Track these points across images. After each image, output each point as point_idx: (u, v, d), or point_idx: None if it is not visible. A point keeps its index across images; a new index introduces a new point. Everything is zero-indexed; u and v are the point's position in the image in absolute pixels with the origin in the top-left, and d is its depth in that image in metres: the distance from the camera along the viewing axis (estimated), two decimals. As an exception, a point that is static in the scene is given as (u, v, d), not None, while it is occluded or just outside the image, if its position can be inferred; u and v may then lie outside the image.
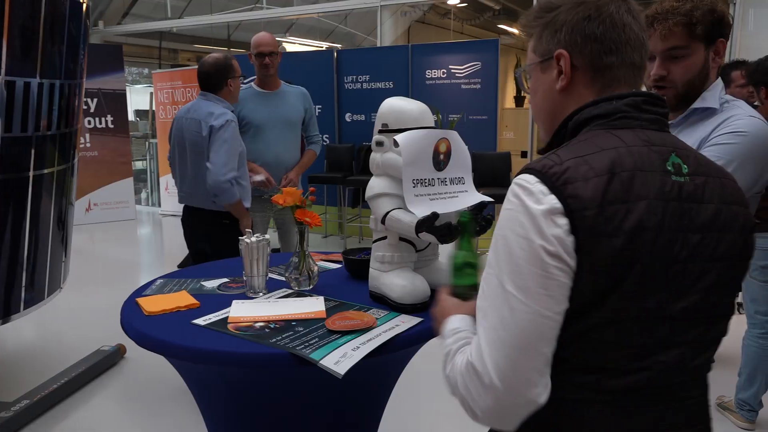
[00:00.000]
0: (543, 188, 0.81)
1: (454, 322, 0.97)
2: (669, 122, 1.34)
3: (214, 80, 2.86)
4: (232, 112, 2.86)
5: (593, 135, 0.88)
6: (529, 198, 0.81)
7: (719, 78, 1.43)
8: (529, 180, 0.82)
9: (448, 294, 1.11)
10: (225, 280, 1.87)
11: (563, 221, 0.79)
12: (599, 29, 0.90)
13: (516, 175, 0.86)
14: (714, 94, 1.39)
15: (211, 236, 2.89)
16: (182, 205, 3.01)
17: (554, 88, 0.95)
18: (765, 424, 2.74)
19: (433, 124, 1.61)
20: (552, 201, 0.79)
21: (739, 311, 4.11)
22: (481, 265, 1.11)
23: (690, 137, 1.38)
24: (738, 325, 3.81)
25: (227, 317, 1.50)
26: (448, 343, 0.93)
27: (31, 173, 2.78)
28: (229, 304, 1.61)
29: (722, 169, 0.94)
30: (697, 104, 1.39)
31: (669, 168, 0.85)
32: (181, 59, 12.34)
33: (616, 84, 0.92)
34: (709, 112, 1.39)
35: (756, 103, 2.66)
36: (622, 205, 0.80)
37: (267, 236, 1.76)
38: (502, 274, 0.82)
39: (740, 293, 3.54)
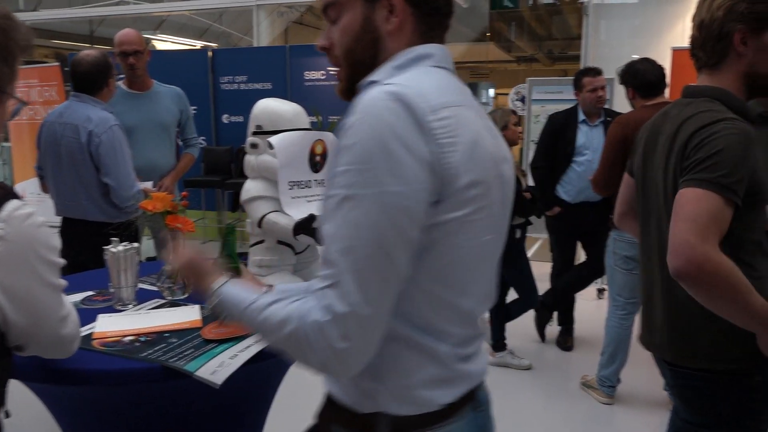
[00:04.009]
0: None
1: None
2: None
3: (94, 81, 2.65)
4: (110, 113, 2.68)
5: None
6: None
7: (418, 47, 0.93)
8: None
9: None
10: (90, 293, 1.74)
11: None
12: None
13: None
14: (389, 66, 0.91)
15: (95, 248, 2.70)
16: (53, 215, 2.77)
17: None
18: (622, 398, 3.01)
19: (308, 126, 1.60)
20: None
21: (599, 296, 4.49)
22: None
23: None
24: (598, 309, 4.19)
25: (91, 333, 1.40)
26: None
27: None
28: (94, 319, 1.50)
29: None
30: (364, 82, 0.92)
31: None
32: (37, 55, 11.36)
33: None
34: None
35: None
36: None
37: (135, 244, 1.66)
38: None
39: (602, 278, 3.87)
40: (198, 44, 10.41)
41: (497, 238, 0.95)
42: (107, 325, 1.45)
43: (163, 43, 10.21)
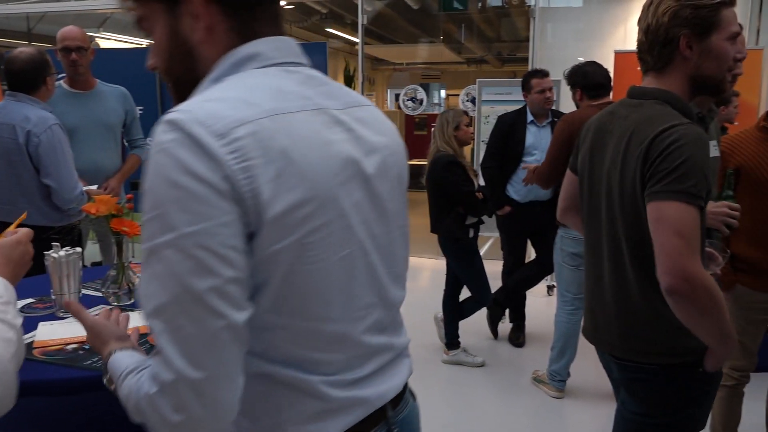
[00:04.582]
0: None
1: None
2: None
3: (30, 79, 2.53)
4: (50, 113, 2.57)
5: None
6: None
7: (238, 49, 0.81)
8: None
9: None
10: (30, 300, 1.67)
11: None
12: None
13: None
14: (208, 79, 0.82)
15: (35, 254, 2.58)
16: None
17: None
18: (572, 392, 3.09)
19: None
20: None
21: (549, 293, 4.60)
22: None
23: None
24: (548, 306, 4.27)
25: (32, 342, 1.34)
26: None
27: None
28: (34, 328, 1.44)
29: None
30: None
31: None
32: (-29, 53, 10.82)
33: None
34: None
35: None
36: None
37: (78, 249, 1.60)
38: None
39: (551, 276, 3.96)
40: (144, 43, 10.14)
41: (370, 244, 0.84)
42: (49, 334, 1.40)
43: (107, 41, 9.90)
